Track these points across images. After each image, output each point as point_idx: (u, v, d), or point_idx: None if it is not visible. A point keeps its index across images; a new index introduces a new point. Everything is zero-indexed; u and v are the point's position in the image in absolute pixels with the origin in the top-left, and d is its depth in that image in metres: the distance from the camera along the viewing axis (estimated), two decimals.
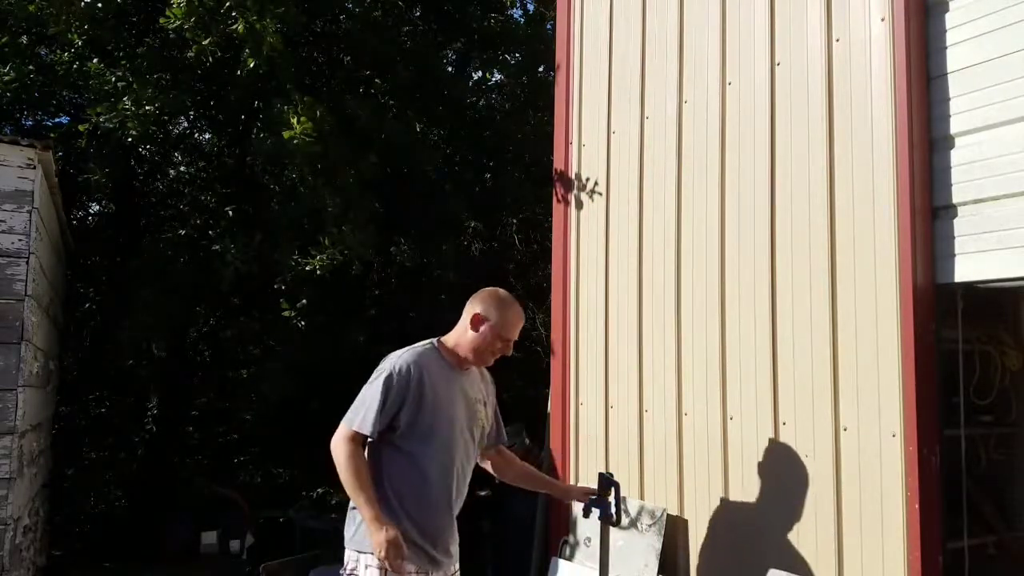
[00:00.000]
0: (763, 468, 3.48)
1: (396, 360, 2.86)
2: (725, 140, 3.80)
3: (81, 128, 5.91)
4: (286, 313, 5.87)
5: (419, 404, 2.82)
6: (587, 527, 3.95)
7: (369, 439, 2.82)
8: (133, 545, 6.50)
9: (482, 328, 2.91)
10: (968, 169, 3.02)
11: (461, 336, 2.96)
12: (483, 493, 5.50)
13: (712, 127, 3.86)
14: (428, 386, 2.84)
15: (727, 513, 3.61)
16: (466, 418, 2.96)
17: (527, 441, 5.43)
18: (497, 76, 7.98)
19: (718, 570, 3.65)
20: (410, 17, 7.38)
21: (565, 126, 4.84)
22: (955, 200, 3.05)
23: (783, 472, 3.40)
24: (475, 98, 7.81)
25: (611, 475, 3.46)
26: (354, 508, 2.82)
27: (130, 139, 5.82)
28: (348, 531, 2.86)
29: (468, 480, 3.03)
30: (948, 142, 3.09)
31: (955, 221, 3.06)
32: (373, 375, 2.89)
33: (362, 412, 2.79)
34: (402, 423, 2.82)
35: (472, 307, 2.96)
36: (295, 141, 5.32)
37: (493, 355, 2.97)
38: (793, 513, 3.34)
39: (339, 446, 2.78)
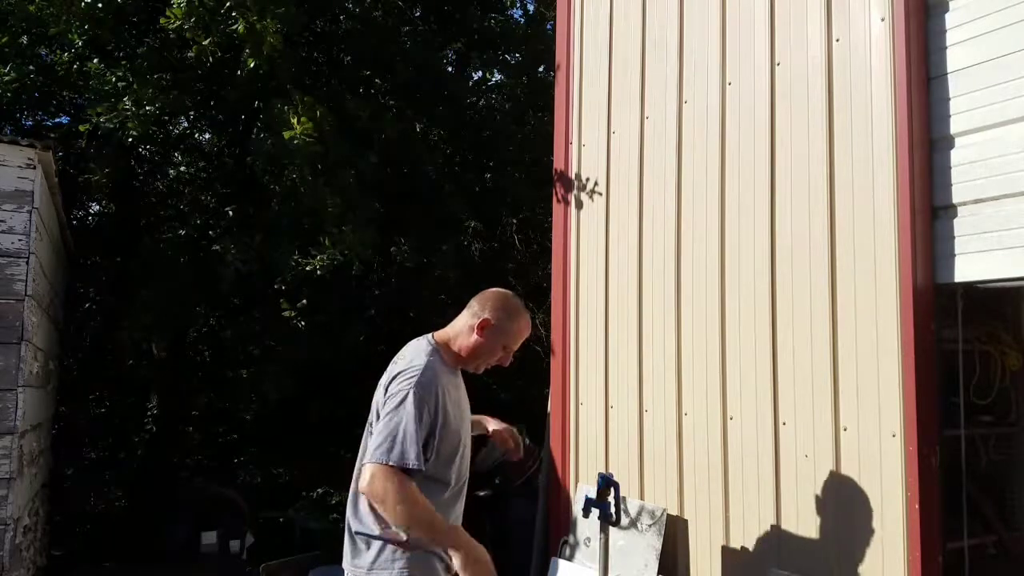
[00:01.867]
0: (763, 468, 3.49)
1: (419, 380, 2.51)
2: (725, 140, 3.80)
3: (81, 128, 5.92)
4: (286, 313, 5.88)
5: (445, 424, 2.54)
6: (587, 527, 3.95)
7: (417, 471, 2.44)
8: (133, 545, 6.50)
9: (488, 335, 2.68)
10: (968, 169, 3.02)
11: (464, 338, 2.70)
12: (483, 493, 5.50)
13: (712, 127, 3.87)
14: (449, 401, 2.60)
15: (727, 513, 3.62)
16: (465, 420, 2.77)
17: (527, 441, 5.42)
18: (497, 76, 8.00)
19: (718, 570, 3.65)
20: (410, 17, 7.39)
21: (565, 126, 4.84)
22: (955, 200, 3.05)
23: (783, 472, 3.40)
24: (475, 98, 7.82)
25: (611, 475, 3.46)
26: (360, 534, 2.53)
27: (130, 139, 5.83)
28: (364, 558, 2.52)
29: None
30: (948, 142, 3.09)
31: (955, 221, 3.06)
32: (393, 396, 2.51)
33: (401, 446, 2.41)
34: (431, 448, 2.51)
35: (481, 310, 2.70)
36: (295, 141, 5.33)
37: (492, 363, 2.74)
38: (793, 513, 3.34)
39: (389, 486, 2.37)
